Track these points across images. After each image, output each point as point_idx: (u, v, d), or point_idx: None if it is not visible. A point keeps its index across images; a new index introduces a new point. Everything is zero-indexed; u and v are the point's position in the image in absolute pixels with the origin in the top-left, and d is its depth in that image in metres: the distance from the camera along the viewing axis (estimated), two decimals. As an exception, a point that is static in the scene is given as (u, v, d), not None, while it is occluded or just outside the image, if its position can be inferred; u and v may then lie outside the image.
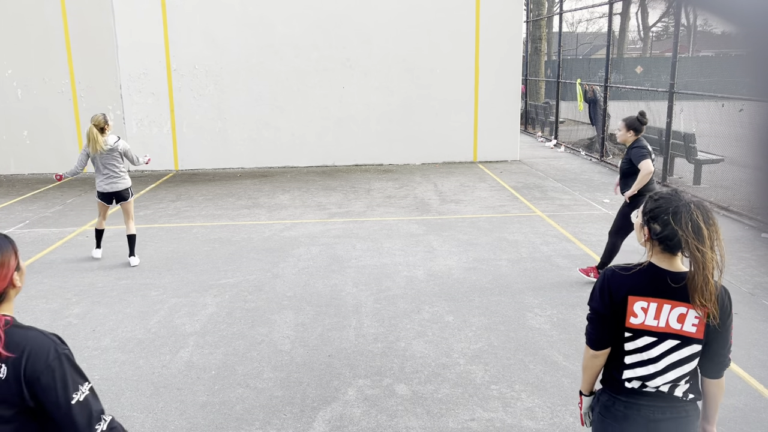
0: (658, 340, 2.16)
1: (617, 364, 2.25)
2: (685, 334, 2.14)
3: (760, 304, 5.48)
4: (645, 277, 2.18)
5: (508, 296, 5.77)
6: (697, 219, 2.08)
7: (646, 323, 2.16)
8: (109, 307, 5.68)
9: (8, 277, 1.89)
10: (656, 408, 2.19)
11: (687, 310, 2.13)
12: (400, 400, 4.06)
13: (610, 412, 2.27)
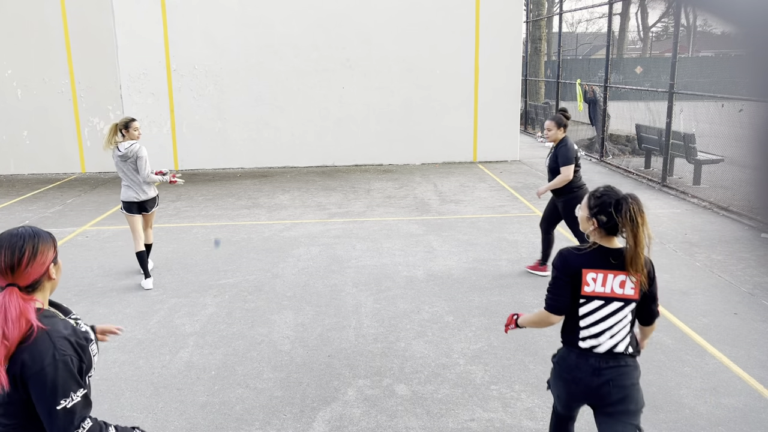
0: (606, 303, 2.73)
1: (573, 328, 2.78)
2: (625, 296, 2.73)
3: (759, 305, 5.48)
4: (594, 255, 2.75)
5: (508, 296, 5.77)
6: (633, 210, 2.73)
7: (596, 290, 2.74)
8: (109, 308, 5.68)
9: (45, 266, 2.05)
10: (602, 359, 2.73)
11: (625, 277, 2.72)
12: (399, 400, 4.06)
13: (566, 361, 2.82)
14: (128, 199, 6.12)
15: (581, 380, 2.75)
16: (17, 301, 1.96)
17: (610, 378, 2.71)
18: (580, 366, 2.75)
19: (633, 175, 11.51)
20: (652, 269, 2.77)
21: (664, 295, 5.71)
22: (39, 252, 2.04)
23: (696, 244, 7.23)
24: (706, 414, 3.84)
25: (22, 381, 1.94)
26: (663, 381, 4.23)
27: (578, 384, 2.76)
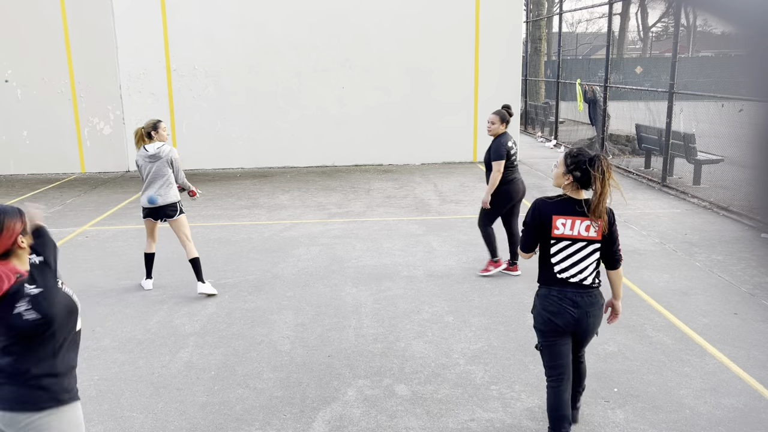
0: (572, 243, 3.32)
1: (548, 265, 3.38)
2: (589, 238, 3.32)
3: (759, 305, 5.48)
4: (563, 204, 3.32)
5: (507, 296, 5.77)
6: (604, 165, 3.26)
7: (564, 233, 3.32)
8: (109, 308, 5.68)
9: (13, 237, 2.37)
10: (576, 292, 3.34)
11: (590, 222, 3.29)
12: (399, 400, 4.06)
13: (547, 298, 3.37)
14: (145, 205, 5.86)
15: (566, 311, 3.32)
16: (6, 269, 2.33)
17: (587, 310, 3.35)
18: (563, 299, 3.34)
19: (633, 175, 11.51)
20: (612, 216, 3.38)
21: (665, 295, 5.71)
22: (5, 227, 2.35)
23: (696, 244, 7.23)
24: (706, 414, 3.84)
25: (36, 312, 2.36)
26: (663, 381, 4.23)
27: (564, 314, 3.32)
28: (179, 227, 5.87)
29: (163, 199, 5.79)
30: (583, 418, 3.83)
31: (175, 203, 5.86)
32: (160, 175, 5.78)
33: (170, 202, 5.82)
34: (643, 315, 5.31)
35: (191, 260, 5.85)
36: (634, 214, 8.65)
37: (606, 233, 3.33)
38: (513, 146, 6.12)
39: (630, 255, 6.90)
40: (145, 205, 5.86)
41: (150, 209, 5.84)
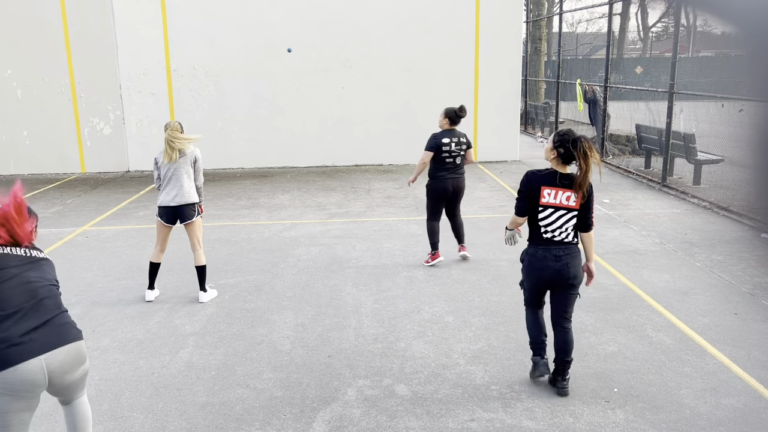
0: (555, 210, 3.96)
1: (536, 227, 4.01)
2: (569, 206, 3.95)
3: (759, 305, 5.48)
4: (550, 177, 3.96)
5: (507, 296, 5.77)
6: (585, 146, 3.83)
7: (549, 201, 3.95)
8: (109, 308, 5.68)
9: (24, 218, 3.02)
10: (559, 249, 3.98)
11: (571, 193, 3.93)
12: (400, 400, 4.06)
13: (534, 256, 4.03)
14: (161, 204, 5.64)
15: (549, 266, 3.97)
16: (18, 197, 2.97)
17: (567, 261, 3.97)
18: (547, 256, 3.98)
19: (633, 175, 11.51)
20: (590, 189, 3.99)
21: (665, 296, 5.71)
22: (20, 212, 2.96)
23: (696, 245, 7.23)
24: (706, 414, 3.84)
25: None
26: (663, 381, 4.23)
27: (547, 269, 3.98)
28: (194, 230, 5.69)
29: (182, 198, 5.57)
30: (584, 417, 3.83)
31: (194, 204, 5.66)
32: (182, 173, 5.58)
33: (190, 202, 5.61)
34: (643, 315, 5.31)
35: (198, 267, 5.73)
36: (634, 214, 8.65)
37: (583, 203, 3.97)
38: (451, 145, 6.41)
39: (630, 255, 6.90)
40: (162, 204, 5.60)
41: (167, 210, 5.59)
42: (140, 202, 9.97)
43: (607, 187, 10.50)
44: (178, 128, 5.65)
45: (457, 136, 6.46)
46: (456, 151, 6.42)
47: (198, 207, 5.71)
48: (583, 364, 4.47)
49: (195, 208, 5.67)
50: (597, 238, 7.56)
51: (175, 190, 5.56)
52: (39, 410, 3.99)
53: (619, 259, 6.75)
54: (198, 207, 5.71)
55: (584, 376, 4.31)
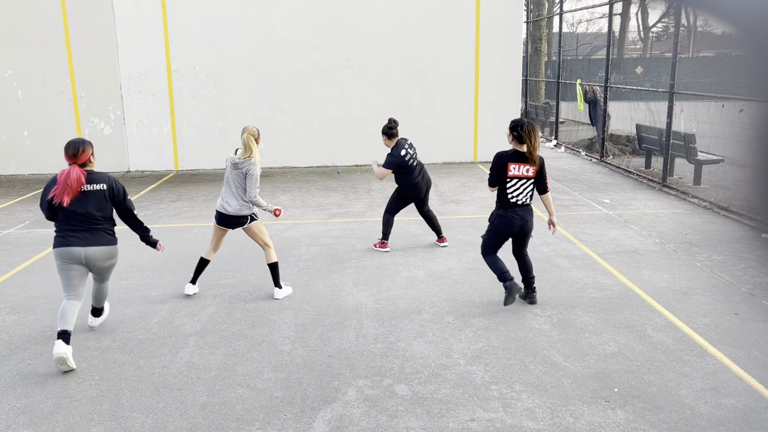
0: (519, 179, 5.23)
1: (505, 195, 5.28)
2: (529, 176, 5.24)
3: (760, 305, 5.48)
4: (514, 154, 5.23)
5: (508, 296, 5.77)
6: (529, 128, 5.15)
7: (515, 174, 5.22)
8: (110, 308, 5.68)
9: (88, 155, 4.63)
10: (521, 209, 5.29)
11: (528, 166, 5.21)
12: (400, 400, 4.06)
13: (504, 216, 5.31)
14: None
15: (515, 223, 5.29)
16: (77, 170, 4.54)
17: (526, 219, 5.32)
18: (513, 216, 5.29)
19: (633, 175, 11.51)
20: (542, 161, 5.34)
21: (665, 296, 5.71)
22: (86, 148, 4.61)
23: (696, 245, 7.23)
24: (706, 414, 3.84)
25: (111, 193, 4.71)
26: (663, 381, 4.23)
27: (514, 225, 5.29)
28: (253, 234, 5.74)
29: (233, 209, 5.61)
30: (584, 417, 3.83)
31: (247, 215, 5.66)
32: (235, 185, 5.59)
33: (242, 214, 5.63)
34: (643, 315, 5.31)
35: (268, 265, 5.81)
36: (635, 215, 8.65)
37: (538, 171, 5.27)
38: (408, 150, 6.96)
39: (630, 255, 6.90)
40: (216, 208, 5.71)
41: (219, 215, 5.65)
42: (140, 202, 9.97)
43: (608, 187, 10.50)
44: (255, 133, 5.62)
45: (407, 141, 7.09)
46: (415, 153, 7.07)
47: (251, 216, 5.68)
48: (583, 364, 4.48)
49: (247, 217, 5.65)
50: (597, 238, 7.57)
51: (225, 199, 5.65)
52: (39, 410, 4.00)
53: (619, 259, 6.75)
54: (251, 216, 5.68)
55: (584, 376, 4.31)
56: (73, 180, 4.50)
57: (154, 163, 12.79)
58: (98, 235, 4.62)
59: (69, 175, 4.50)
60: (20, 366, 4.60)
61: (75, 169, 4.52)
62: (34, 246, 7.65)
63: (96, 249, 4.60)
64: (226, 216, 5.63)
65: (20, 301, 5.90)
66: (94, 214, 4.60)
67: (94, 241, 4.60)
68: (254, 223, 5.71)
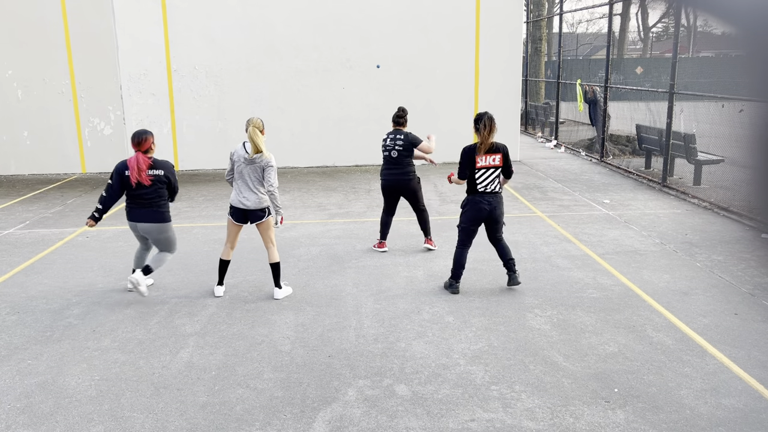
0: (486, 169, 5.65)
1: (474, 184, 5.69)
2: (496, 165, 5.66)
3: (760, 305, 5.48)
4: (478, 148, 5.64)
5: (508, 297, 5.77)
6: (485, 121, 5.60)
7: (482, 164, 5.64)
8: (109, 308, 5.68)
9: (149, 142, 5.55)
10: (489, 196, 5.68)
11: (494, 156, 5.65)
12: (400, 400, 4.06)
13: (474, 202, 5.71)
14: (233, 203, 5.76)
15: (484, 209, 5.67)
16: (142, 156, 5.46)
17: (495, 205, 5.70)
18: (482, 202, 5.67)
19: (633, 175, 11.51)
20: (506, 150, 5.74)
21: (665, 296, 5.71)
22: (148, 137, 5.53)
23: (696, 245, 7.23)
24: (706, 414, 3.84)
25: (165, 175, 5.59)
26: (663, 381, 4.23)
27: (483, 211, 5.68)
28: (265, 230, 5.77)
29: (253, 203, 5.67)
30: (584, 418, 3.83)
31: (266, 207, 5.76)
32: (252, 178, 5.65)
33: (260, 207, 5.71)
34: (643, 315, 5.31)
35: (272, 264, 5.81)
36: (635, 215, 8.65)
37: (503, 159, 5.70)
38: (386, 139, 6.91)
39: (630, 255, 6.90)
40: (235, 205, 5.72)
41: (238, 211, 5.70)
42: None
43: (608, 188, 10.50)
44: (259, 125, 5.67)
45: (391, 135, 6.92)
46: (390, 148, 6.87)
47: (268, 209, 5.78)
48: (583, 365, 4.48)
49: (266, 210, 5.75)
50: (597, 238, 7.56)
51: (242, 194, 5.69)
52: (40, 410, 4.00)
53: (619, 260, 6.75)
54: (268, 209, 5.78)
55: (584, 377, 4.31)
56: (141, 163, 5.43)
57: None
58: (151, 212, 5.55)
59: (137, 160, 5.44)
60: (20, 366, 4.60)
61: (140, 155, 5.46)
62: (34, 246, 7.66)
63: (148, 225, 5.59)
64: (245, 211, 5.68)
65: (20, 301, 5.90)
66: (151, 195, 5.52)
67: (148, 217, 5.56)
68: (269, 218, 5.79)
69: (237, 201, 5.69)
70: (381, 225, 7.20)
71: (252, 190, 5.65)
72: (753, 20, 0.88)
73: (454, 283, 5.85)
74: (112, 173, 5.56)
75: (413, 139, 6.90)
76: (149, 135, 5.52)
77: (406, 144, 6.85)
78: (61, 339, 5.04)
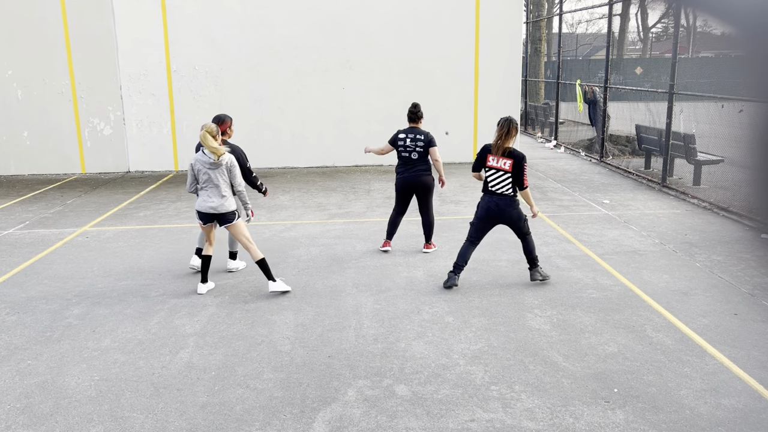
0: (496, 171, 5.80)
1: (486, 183, 5.87)
2: (505, 169, 5.75)
3: (759, 305, 5.48)
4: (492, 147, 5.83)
5: (507, 297, 5.78)
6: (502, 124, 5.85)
7: (492, 164, 5.80)
8: (109, 308, 5.68)
9: (225, 127, 6.14)
10: (497, 197, 5.83)
11: (506, 160, 5.73)
12: (400, 400, 4.06)
13: (484, 199, 5.89)
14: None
15: (491, 208, 5.85)
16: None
17: (503, 207, 5.83)
18: (490, 201, 5.86)
19: (633, 175, 11.51)
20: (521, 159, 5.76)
21: (665, 296, 5.72)
22: (225, 121, 6.17)
23: (696, 245, 7.23)
24: (706, 415, 3.84)
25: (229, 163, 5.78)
26: (663, 381, 4.23)
27: (490, 210, 5.86)
28: (237, 232, 5.83)
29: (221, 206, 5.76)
30: (584, 418, 3.83)
31: (234, 210, 5.83)
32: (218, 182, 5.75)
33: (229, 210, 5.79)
34: (643, 315, 5.31)
35: (257, 262, 5.85)
36: (634, 215, 8.66)
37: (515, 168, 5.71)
38: (405, 139, 6.90)
39: (630, 255, 6.91)
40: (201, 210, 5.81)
41: (206, 215, 5.79)
42: (140, 202, 9.97)
43: (607, 188, 10.50)
44: (213, 131, 5.80)
45: (411, 133, 6.92)
46: (408, 147, 6.86)
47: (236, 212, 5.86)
48: (583, 365, 4.48)
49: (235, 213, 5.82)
50: (597, 238, 7.56)
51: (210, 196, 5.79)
52: (40, 411, 4.00)
53: (619, 260, 6.75)
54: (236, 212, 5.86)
55: (584, 377, 4.32)
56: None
57: (153, 163, 12.79)
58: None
59: None
60: (20, 366, 4.60)
61: None
62: (33, 246, 7.65)
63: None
64: (212, 215, 5.79)
65: (20, 301, 5.90)
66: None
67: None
68: (239, 220, 5.86)
69: (205, 207, 5.74)
70: (389, 224, 7.16)
71: (221, 194, 5.73)
72: (752, 20, 0.88)
73: (452, 276, 5.93)
74: None
75: (431, 139, 6.95)
76: (228, 119, 6.03)
77: (425, 144, 6.90)
78: (61, 339, 5.04)
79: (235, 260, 6.56)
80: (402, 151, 6.88)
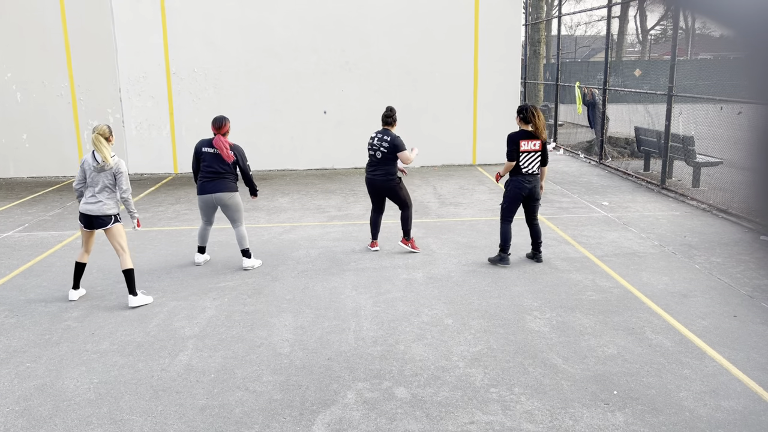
0: (529, 153, 6.48)
1: (518, 166, 6.47)
2: (535, 150, 6.49)
3: (759, 307, 5.48)
4: (523, 133, 6.49)
5: (507, 299, 5.77)
6: (531, 111, 6.49)
7: (525, 149, 6.46)
8: (108, 310, 5.67)
9: (227, 127, 6.58)
10: (530, 177, 6.54)
11: (536, 142, 6.49)
12: (399, 403, 4.06)
13: (517, 181, 6.52)
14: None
15: (525, 187, 6.49)
16: (223, 138, 6.49)
17: (534, 185, 6.54)
18: (524, 182, 6.49)
19: (632, 177, 11.52)
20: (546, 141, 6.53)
21: (664, 298, 5.72)
22: (227, 122, 6.58)
23: (695, 247, 7.23)
24: (705, 417, 3.84)
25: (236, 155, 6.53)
26: (662, 383, 4.23)
27: (525, 189, 6.49)
28: (112, 236, 5.71)
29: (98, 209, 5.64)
30: (583, 420, 3.83)
31: (111, 214, 5.68)
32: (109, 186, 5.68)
33: (106, 214, 5.66)
34: (642, 317, 5.31)
35: (124, 271, 5.72)
36: (633, 217, 8.66)
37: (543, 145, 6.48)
38: (374, 138, 6.98)
39: (629, 257, 6.91)
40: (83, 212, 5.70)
41: (85, 217, 5.66)
42: (139, 205, 9.96)
43: (606, 190, 10.51)
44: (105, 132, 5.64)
45: (378, 135, 6.99)
46: (374, 148, 6.95)
47: (115, 216, 5.71)
48: (582, 367, 4.48)
49: (111, 217, 5.67)
50: (596, 240, 7.56)
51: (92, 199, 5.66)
52: (39, 413, 3.99)
53: (618, 262, 6.75)
54: (115, 216, 5.71)
55: (583, 379, 4.31)
56: (223, 142, 6.43)
57: (153, 165, 12.79)
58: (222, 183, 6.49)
59: (219, 140, 6.42)
60: (19, 369, 4.59)
61: (220, 137, 6.44)
62: (32, 249, 7.65)
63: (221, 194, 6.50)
64: (90, 217, 5.62)
65: (19, 304, 5.90)
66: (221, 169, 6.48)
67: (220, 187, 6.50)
68: (117, 224, 5.72)
69: (84, 208, 5.62)
70: (371, 225, 7.34)
71: (97, 196, 5.60)
72: (751, 22, 0.88)
73: (504, 256, 6.64)
74: None
75: (398, 144, 6.88)
76: (227, 121, 6.54)
77: (390, 147, 6.87)
78: (60, 342, 5.04)
79: (249, 258, 6.74)
80: (369, 149, 7.03)
